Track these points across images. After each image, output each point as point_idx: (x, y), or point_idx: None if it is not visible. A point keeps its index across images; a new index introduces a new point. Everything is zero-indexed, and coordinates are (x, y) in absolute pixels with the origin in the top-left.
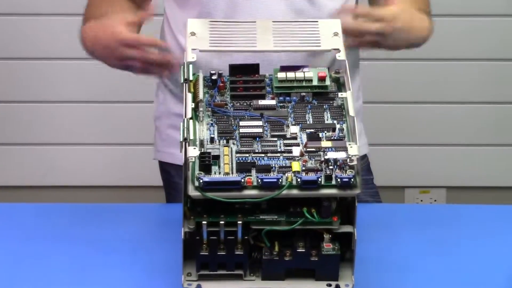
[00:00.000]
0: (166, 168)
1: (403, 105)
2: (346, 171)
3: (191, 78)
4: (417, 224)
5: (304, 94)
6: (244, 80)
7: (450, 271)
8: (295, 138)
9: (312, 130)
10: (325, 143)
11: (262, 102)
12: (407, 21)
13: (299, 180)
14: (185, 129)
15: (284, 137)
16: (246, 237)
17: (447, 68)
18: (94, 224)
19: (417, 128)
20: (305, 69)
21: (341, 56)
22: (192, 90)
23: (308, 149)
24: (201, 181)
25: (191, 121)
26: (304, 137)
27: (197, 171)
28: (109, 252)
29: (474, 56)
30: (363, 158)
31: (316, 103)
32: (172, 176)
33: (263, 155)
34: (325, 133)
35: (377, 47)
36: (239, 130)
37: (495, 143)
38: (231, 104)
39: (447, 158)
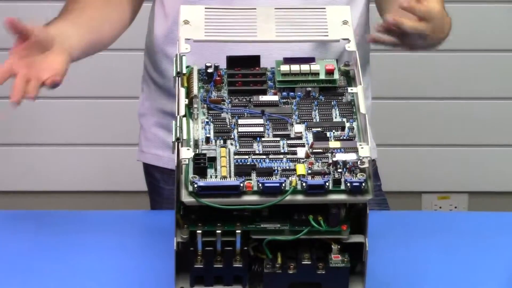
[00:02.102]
0: (150, 171)
1: (418, 101)
2: (356, 174)
3: (184, 71)
4: (435, 234)
5: (310, 89)
6: (243, 73)
7: (472, 286)
8: (300, 138)
9: (319, 129)
10: (333, 144)
11: (263, 98)
12: (441, 23)
13: (304, 184)
14: (178, 128)
15: (287, 136)
16: (245, 248)
17: (468, 60)
18: (74, 233)
19: (435, 127)
20: (311, 62)
21: (351, 46)
22: (185, 84)
23: (314, 150)
24: (195, 185)
25: (184, 119)
26: (310, 137)
27: (191, 175)
28: (92, 264)
29: (495, 47)
30: (372, 165)
31: (323, 99)
32: (157, 180)
33: (264, 156)
34: (333, 133)
35: (400, 46)
36: (237, 129)
37: None
38: (229, 100)
39: (469, 160)
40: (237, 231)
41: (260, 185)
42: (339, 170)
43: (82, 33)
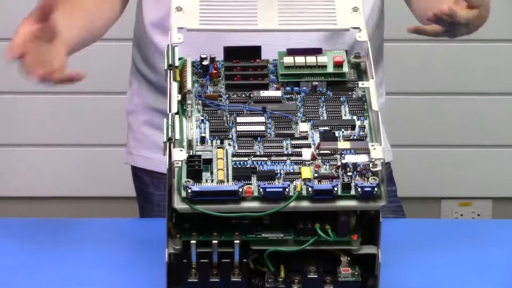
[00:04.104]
0: (139, 175)
1: (437, 97)
2: (368, 178)
3: (176, 63)
4: (456, 244)
5: (316, 83)
6: (242, 66)
7: None
8: (305, 137)
9: (326, 128)
10: (342, 144)
11: (264, 93)
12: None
13: (310, 189)
14: (170, 126)
15: (291, 136)
16: (244, 260)
17: (492, 52)
18: (53, 244)
19: (456, 125)
20: (318, 53)
21: (362, 36)
22: (178, 78)
23: (321, 152)
24: (189, 190)
25: (177, 116)
26: (317, 137)
27: (184, 179)
28: (74, 278)
29: None
30: (387, 169)
31: (331, 95)
32: (146, 185)
33: (265, 158)
34: (343, 132)
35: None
36: (236, 128)
37: None
38: (226, 95)
39: (493, 162)
40: (235, 241)
41: (261, 190)
42: (349, 174)
43: (80, 25)
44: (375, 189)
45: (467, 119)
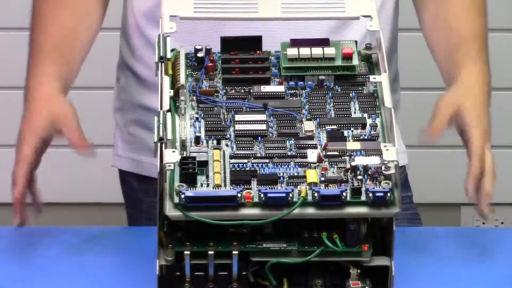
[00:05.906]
0: (127, 180)
1: None
2: (380, 182)
3: (168, 55)
4: (477, 255)
5: (323, 77)
6: (241, 58)
7: None
8: (311, 137)
9: (334, 127)
10: (351, 145)
11: (265, 88)
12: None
13: (316, 194)
14: (161, 125)
15: (295, 136)
16: (244, 273)
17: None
18: (34, 254)
19: None
20: (325, 44)
21: (374, 25)
22: (170, 72)
23: (328, 153)
24: (182, 196)
25: (168, 114)
26: (323, 136)
27: (177, 183)
28: None
29: None
30: (402, 173)
31: (339, 90)
32: (134, 190)
33: (267, 161)
34: (352, 131)
35: None
36: (234, 126)
37: None
38: (224, 91)
39: None
40: (233, 252)
41: (261, 195)
42: (359, 177)
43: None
44: (388, 194)
45: (490, 117)
